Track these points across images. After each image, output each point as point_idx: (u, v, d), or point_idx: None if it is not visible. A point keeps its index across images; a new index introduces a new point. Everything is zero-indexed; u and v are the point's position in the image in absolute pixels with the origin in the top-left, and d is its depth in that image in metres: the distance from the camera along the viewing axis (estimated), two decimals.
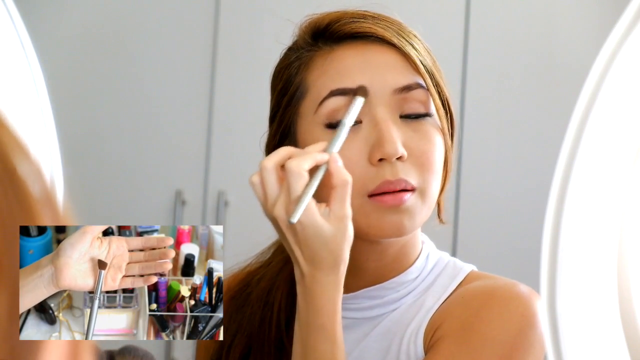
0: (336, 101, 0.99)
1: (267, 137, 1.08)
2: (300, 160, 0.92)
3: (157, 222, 2.35)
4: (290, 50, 1.07)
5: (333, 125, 0.99)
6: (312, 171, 0.93)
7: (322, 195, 0.93)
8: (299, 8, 1.15)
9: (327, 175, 0.93)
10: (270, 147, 1.06)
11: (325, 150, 0.94)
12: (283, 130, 1.04)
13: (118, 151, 2.36)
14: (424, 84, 1.00)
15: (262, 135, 1.10)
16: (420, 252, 1.07)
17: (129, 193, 2.36)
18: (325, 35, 1.03)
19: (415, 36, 1.04)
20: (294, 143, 1.03)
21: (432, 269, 1.07)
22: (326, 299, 0.94)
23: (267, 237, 1.17)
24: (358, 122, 0.99)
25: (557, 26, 2.22)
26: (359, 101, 0.97)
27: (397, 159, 0.97)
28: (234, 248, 1.21)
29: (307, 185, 0.92)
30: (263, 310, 1.10)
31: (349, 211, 0.92)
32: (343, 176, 0.92)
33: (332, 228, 0.92)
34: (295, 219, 0.91)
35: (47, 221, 0.42)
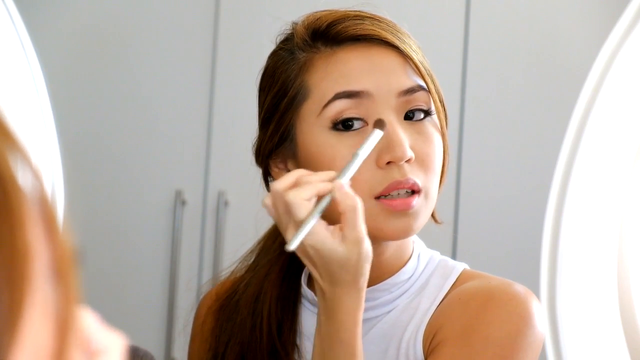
0: (341, 104, 0.99)
1: (260, 139, 1.06)
2: (300, 191, 0.92)
3: (157, 222, 2.35)
4: (282, 50, 1.05)
5: (338, 127, 0.99)
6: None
7: (336, 220, 0.93)
8: (299, 8, 1.14)
9: (335, 203, 0.92)
10: (267, 150, 1.05)
11: (334, 179, 0.93)
12: (282, 133, 1.03)
13: (118, 151, 2.36)
14: (425, 86, 1.01)
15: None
16: (412, 253, 1.07)
17: (129, 193, 2.36)
18: (326, 36, 1.02)
19: (409, 36, 1.04)
20: (294, 146, 1.02)
21: (424, 269, 1.07)
22: (347, 314, 0.94)
23: None
24: (364, 125, 0.99)
25: (557, 26, 2.22)
26: (377, 135, 0.96)
27: (405, 161, 0.97)
28: (234, 248, 1.21)
29: (310, 212, 0.91)
30: (253, 317, 1.09)
31: (361, 233, 0.92)
32: (350, 202, 0.91)
33: (347, 251, 0.91)
34: (292, 246, 0.90)
35: (34, 224, 0.38)
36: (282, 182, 0.94)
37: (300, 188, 0.92)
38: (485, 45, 2.25)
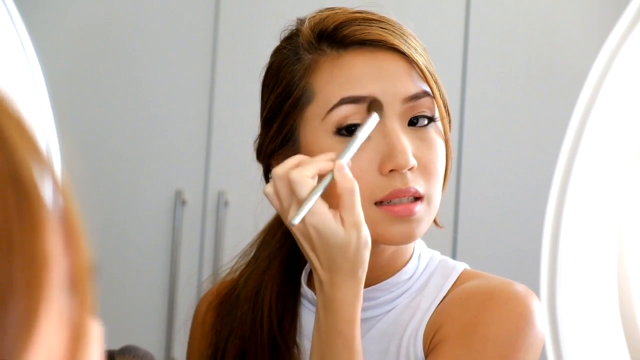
0: (346, 109, 0.98)
1: (262, 138, 1.06)
2: (302, 169, 0.93)
3: (157, 222, 2.35)
4: (286, 48, 1.05)
5: (342, 132, 0.99)
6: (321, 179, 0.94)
7: (335, 204, 0.94)
8: (299, 8, 1.14)
9: (335, 184, 0.93)
10: (269, 150, 1.05)
11: (334, 160, 0.94)
12: (285, 134, 1.03)
13: (118, 151, 2.36)
14: (430, 92, 1.00)
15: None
16: (412, 253, 1.07)
17: (129, 193, 2.36)
18: (333, 39, 1.01)
19: (414, 38, 1.04)
20: (297, 147, 1.02)
21: (425, 269, 1.08)
22: (345, 305, 0.94)
23: None
24: None
25: (557, 26, 2.22)
26: (374, 118, 0.97)
27: (408, 169, 0.97)
28: (234, 248, 1.21)
29: (313, 190, 0.92)
30: (253, 312, 1.10)
31: (359, 217, 0.92)
32: (347, 184, 0.92)
33: (346, 234, 0.92)
34: (296, 221, 0.91)
35: (54, 233, 0.39)
36: (283, 165, 0.95)
37: (303, 166, 0.93)
38: (485, 45, 2.25)
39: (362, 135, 0.96)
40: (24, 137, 0.39)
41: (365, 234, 0.93)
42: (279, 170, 0.94)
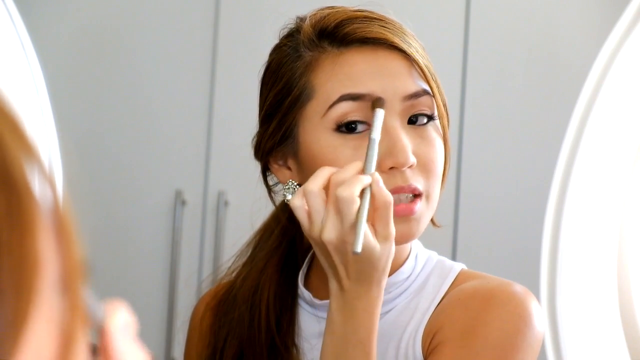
0: (346, 106, 0.99)
1: (261, 135, 1.06)
2: (351, 187, 0.91)
3: (157, 222, 2.35)
4: (286, 46, 1.05)
5: (342, 129, 0.99)
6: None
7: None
8: (299, 7, 1.14)
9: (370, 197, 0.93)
10: (268, 147, 1.05)
11: (364, 171, 0.94)
12: (284, 131, 1.03)
13: (118, 151, 2.36)
14: (429, 90, 1.01)
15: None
16: (409, 253, 1.08)
17: (129, 193, 2.36)
18: (333, 37, 1.02)
19: (413, 37, 1.04)
20: (296, 144, 1.02)
21: (422, 269, 1.08)
22: (367, 314, 0.94)
23: None
24: (368, 128, 0.99)
25: (557, 26, 2.22)
26: (381, 113, 0.97)
27: (408, 167, 0.98)
28: (234, 248, 1.21)
29: (359, 210, 0.91)
30: (251, 312, 1.10)
31: (392, 230, 0.93)
32: (385, 198, 0.92)
33: (381, 249, 0.92)
34: (359, 248, 0.90)
35: (45, 234, 0.38)
36: (316, 182, 0.93)
37: (349, 184, 0.92)
38: (485, 45, 2.25)
39: (376, 136, 0.95)
40: (16, 134, 0.38)
41: (393, 245, 0.93)
42: (313, 186, 0.93)
